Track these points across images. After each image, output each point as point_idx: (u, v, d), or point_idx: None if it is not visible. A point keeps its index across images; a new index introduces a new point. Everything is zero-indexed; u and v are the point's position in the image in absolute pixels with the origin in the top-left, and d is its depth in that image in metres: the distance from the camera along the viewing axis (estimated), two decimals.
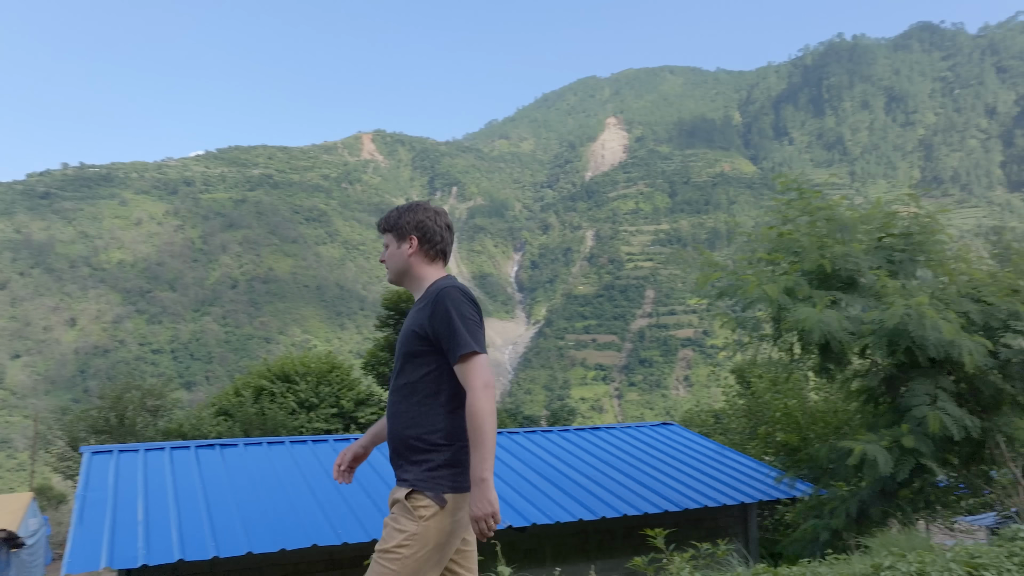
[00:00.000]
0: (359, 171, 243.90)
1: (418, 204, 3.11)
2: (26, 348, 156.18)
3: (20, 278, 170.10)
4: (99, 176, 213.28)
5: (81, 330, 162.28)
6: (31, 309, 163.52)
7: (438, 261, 3.02)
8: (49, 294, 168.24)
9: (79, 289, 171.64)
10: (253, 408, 23.73)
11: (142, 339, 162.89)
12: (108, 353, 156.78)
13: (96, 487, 7.11)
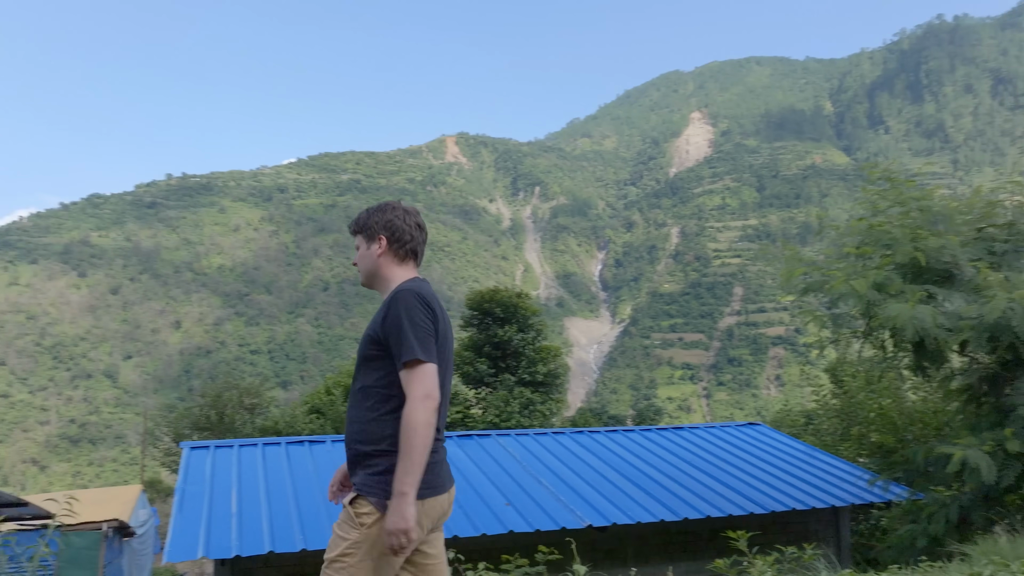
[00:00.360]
0: (443, 174, 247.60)
1: (387, 204, 3.04)
2: (136, 349, 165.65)
3: (130, 283, 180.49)
4: (200, 185, 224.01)
5: (185, 332, 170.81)
6: (140, 313, 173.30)
7: (408, 261, 2.94)
8: (156, 298, 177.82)
9: (183, 293, 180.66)
10: (343, 406, 24.44)
11: (241, 340, 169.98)
12: (210, 354, 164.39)
13: (194, 480, 7.50)
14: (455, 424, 25.43)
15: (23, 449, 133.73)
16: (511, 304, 27.00)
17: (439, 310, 2.74)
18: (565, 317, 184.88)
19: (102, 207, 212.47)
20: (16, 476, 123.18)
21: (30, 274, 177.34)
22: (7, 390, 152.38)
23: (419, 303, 2.68)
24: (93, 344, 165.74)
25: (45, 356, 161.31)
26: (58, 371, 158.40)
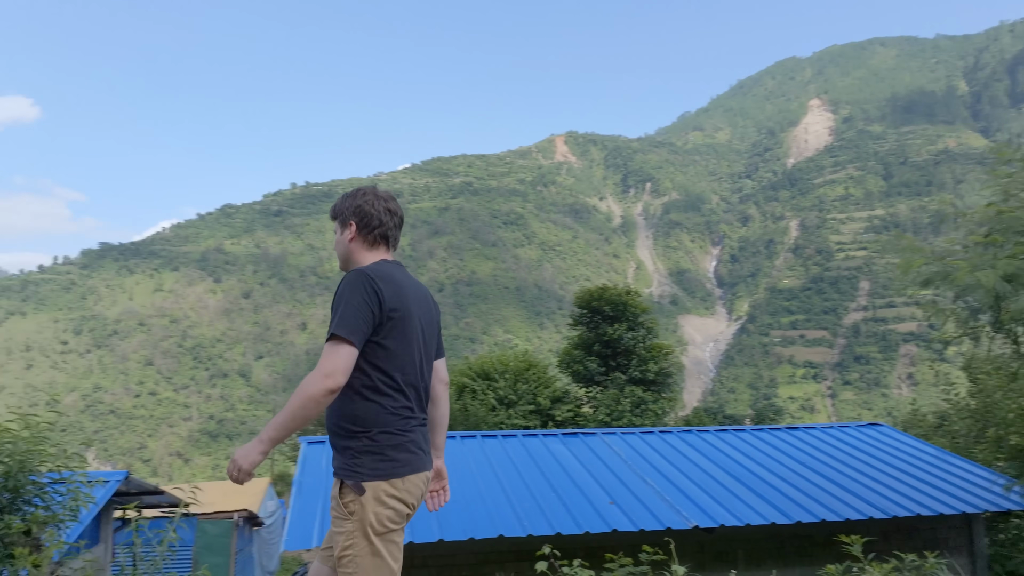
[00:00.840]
0: (553, 173, 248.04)
1: (360, 189, 3.04)
2: (267, 350, 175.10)
3: (260, 288, 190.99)
4: (321, 193, 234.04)
5: (311, 333, 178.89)
6: (270, 315, 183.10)
7: (379, 246, 2.95)
8: (284, 301, 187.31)
9: (308, 296, 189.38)
10: (456, 404, 24.93)
11: None
12: None
13: (310, 473, 7.88)
14: (565, 422, 25.48)
15: (169, 443, 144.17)
16: (620, 302, 26.75)
17: (392, 291, 2.72)
18: (679, 315, 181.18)
19: (234, 216, 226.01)
20: (164, 467, 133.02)
21: (172, 280, 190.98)
22: (155, 388, 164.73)
23: (363, 283, 2.69)
24: (228, 345, 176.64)
25: (187, 357, 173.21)
26: (198, 371, 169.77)
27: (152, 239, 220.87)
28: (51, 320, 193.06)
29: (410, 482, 2.67)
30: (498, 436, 9.35)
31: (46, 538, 3.98)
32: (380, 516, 2.58)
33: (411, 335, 2.76)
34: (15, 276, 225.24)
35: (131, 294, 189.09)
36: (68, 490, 4.24)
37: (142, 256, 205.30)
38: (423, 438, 2.79)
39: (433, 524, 6.72)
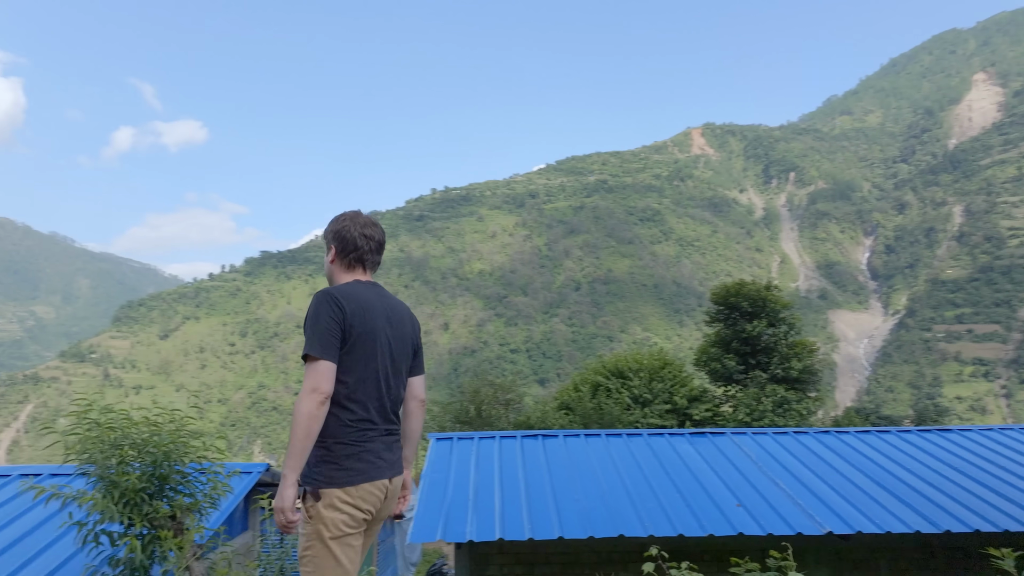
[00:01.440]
0: (690, 167, 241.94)
1: (344, 214, 3.22)
2: None
3: (405, 290, 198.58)
4: (460, 197, 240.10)
5: (453, 333, 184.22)
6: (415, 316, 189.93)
7: (355, 268, 3.15)
8: (427, 303, 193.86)
9: (449, 297, 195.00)
10: (591, 403, 24.89)
11: (502, 340, 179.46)
12: (475, 353, 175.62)
13: (437, 469, 8.14)
14: (703, 422, 24.81)
15: None
16: (759, 297, 25.74)
17: (353, 309, 2.90)
18: (829, 310, 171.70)
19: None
20: None
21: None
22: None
23: (328, 302, 2.90)
24: None
25: None
26: None
27: (306, 246, 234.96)
28: (220, 323, 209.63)
29: (364, 490, 2.84)
30: (623, 435, 9.26)
31: (188, 523, 4.37)
32: (335, 521, 2.78)
33: (372, 350, 2.94)
34: (189, 284, 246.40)
35: (289, 298, 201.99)
36: (208, 480, 4.63)
37: (298, 262, 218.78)
38: (385, 447, 2.96)
39: (553, 521, 6.77)
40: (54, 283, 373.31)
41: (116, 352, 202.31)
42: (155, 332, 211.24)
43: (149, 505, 4.28)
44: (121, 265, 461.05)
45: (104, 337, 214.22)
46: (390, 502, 3.03)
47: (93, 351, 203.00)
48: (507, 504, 7.15)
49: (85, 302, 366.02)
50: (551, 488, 7.51)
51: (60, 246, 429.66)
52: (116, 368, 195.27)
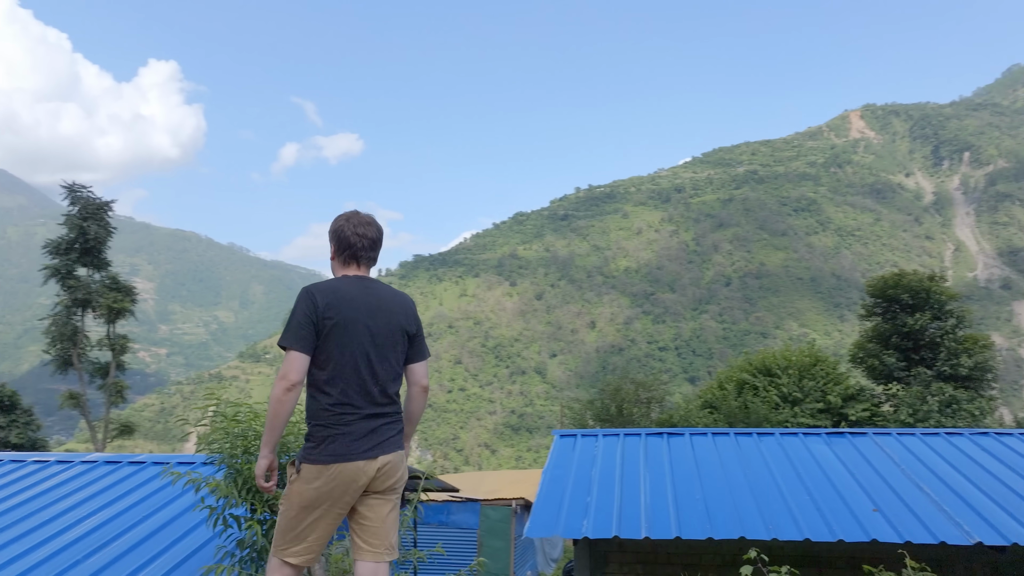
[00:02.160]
0: (848, 152, 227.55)
1: (342, 214, 3.46)
2: (560, 348, 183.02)
3: (551, 289, 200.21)
4: (604, 195, 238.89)
5: (599, 331, 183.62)
6: (561, 315, 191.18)
7: (351, 265, 3.40)
8: (573, 301, 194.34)
9: (596, 295, 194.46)
10: (736, 401, 24.05)
11: (649, 337, 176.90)
12: (622, 351, 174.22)
13: (559, 465, 8.18)
14: (860, 422, 23.32)
15: (478, 435, 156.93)
16: (921, 288, 23.84)
17: (329, 301, 3.17)
18: (1014, 301, 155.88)
19: (525, 223, 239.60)
20: (474, 457, 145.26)
21: (474, 286, 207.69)
22: (464, 384, 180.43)
23: (304, 296, 3.21)
24: (525, 344, 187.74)
25: (489, 356, 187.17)
26: (499, 368, 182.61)
27: (456, 249, 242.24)
28: None
29: (335, 470, 3.12)
30: (753, 434, 8.90)
31: None
32: (304, 492, 3.15)
33: (349, 339, 3.18)
34: None
35: (441, 299, 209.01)
36: None
37: (448, 265, 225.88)
38: (370, 429, 3.19)
39: (672, 521, 6.64)
40: (233, 290, 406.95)
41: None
42: None
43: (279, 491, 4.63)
44: (290, 272, 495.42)
45: (275, 339, 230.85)
46: (385, 477, 3.24)
47: (266, 352, 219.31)
48: (626, 502, 7.08)
49: (259, 307, 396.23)
50: (672, 487, 7.36)
51: (237, 256, 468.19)
52: None
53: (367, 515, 3.30)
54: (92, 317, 29.65)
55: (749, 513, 6.74)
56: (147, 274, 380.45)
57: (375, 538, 3.29)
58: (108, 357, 30.35)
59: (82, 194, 29.59)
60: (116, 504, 6.33)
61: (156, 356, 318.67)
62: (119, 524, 5.91)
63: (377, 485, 3.25)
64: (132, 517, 5.98)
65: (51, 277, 28.69)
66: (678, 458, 8.14)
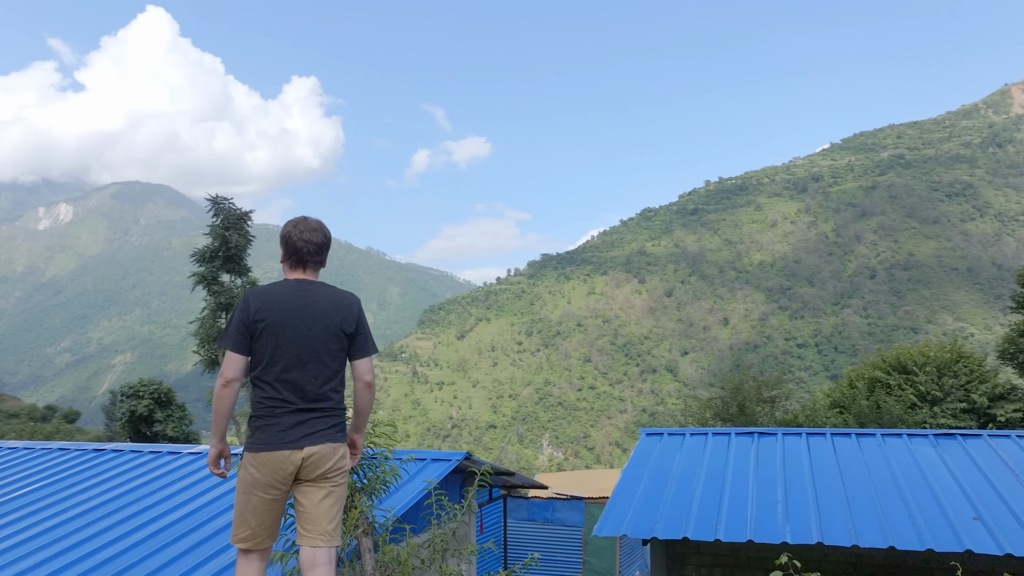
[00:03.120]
0: (1010, 130, 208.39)
1: (290, 221, 3.63)
2: (691, 346, 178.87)
3: (681, 285, 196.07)
4: (735, 187, 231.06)
5: (733, 328, 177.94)
6: (692, 312, 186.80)
7: (297, 269, 3.59)
8: (705, 298, 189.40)
9: (728, 291, 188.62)
10: (867, 401, 22.69)
11: (787, 334, 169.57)
12: (757, 348, 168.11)
13: (638, 464, 8.02)
14: (1010, 423, 21.37)
15: (608, 433, 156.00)
16: None
17: (261, 304, 3.41)
18: None
19: (653, 219, 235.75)
20: (605, 455, 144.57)
21: (602, 284, 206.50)
22: (593, 383, 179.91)
23: (242, 301, 3.46)
24: (655, 342, 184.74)
25: (619, 354, 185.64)
26: (629, 366, 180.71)
27: (583, 247, 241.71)
28: (508, 324, 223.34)
29: (264, 457, 3.37)
30: (852, 435, 8.38)
31: (356, 501, 4.87)
32: (243, 477, 3.43)
33: (281, 340, 3.40)
34: (480, 288, 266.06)
35: (569, 298, 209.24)
36: (378, 464, 5.11)
37: (576, 263, 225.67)
38: (299, 422, 3.40)
39: (748, 523, 6.38)
40: (371, 292, 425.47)
41: (421, 352, 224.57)
42: (453, 333, 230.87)
43: None
44: (423, 273, 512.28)
45: (411, 339, 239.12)
46: (312, 467, 3.44)
47: (403, 351, 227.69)
48: (703, 503, 6.87)
49: (396, 307, 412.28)
50: (755, 489, 7.06)
51: (374, 259, 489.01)
52: (422, 366, 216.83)
53: (302, 502, 3.51)
54: None
55: (832, 518, 6.37)
56: None
57: (310, 523, 3.47)
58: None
59: (224, 206, 31.94)
60: (213, 491, 6.80)
61: None
62: (212, 510, 6.36)
63: (306, 474, 3.45)
64: (224, 503, 6.42)
65: (198, 283, 31.06)
66: (764, 458, 7.79)
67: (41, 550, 5.71)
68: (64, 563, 5.43)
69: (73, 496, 6.98)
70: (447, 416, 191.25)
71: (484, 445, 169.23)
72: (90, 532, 6.01)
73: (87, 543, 5.79)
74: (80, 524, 6.20)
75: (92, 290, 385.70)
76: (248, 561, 3.49)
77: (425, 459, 6.94)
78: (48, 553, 5.64)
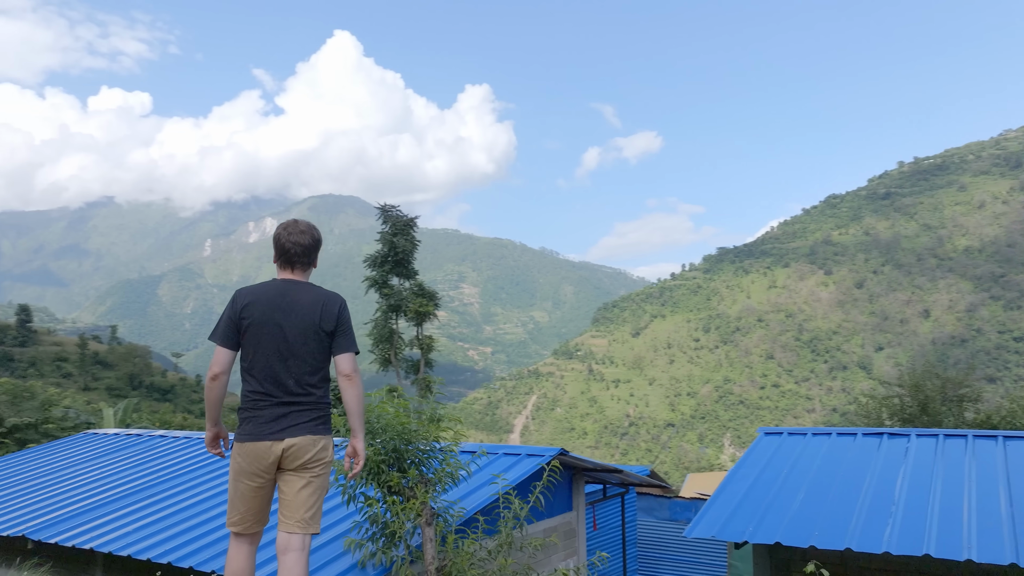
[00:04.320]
0: None
1: (282, 223, 3.89)
2: (887, 340, 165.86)
3: (873, 276, 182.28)
4: (933, 166, 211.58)
5: (935, 321, 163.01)
6: (887, 304, 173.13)
7: (286, 269, 3.83)
8: (901, 288, 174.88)
9: (928, 281, 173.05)
10: None
11: (1000, 326, 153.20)
12: (965, 343, 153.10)
13: (748, 464, 7.59)
14: None
15: None
16: None
17: (246, 302, 3.66)
18: None
19: (839, 206, 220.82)
20: None
21: (784, 276, 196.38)
22: (777, 380, 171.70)
23: (231, 299, 3.73)
24: (845, 337, 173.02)
25: (804, 350, 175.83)
26: (816, 363, 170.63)
27: (762, 239, 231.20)
28: (684, 320, 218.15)
29: (247, 447, 3.61)
30: (998, 437, 7.45)
31: (418, 492, 5.08)
32: (232, 465, 3.70)
33: (264, 337, 3.63)
34: (654, 284, 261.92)
35: (748, 292, 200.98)
36: (443, 459, 5.31)
37: (755, 256, 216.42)
38: (280, 415, 3.62)
39: (854, 530, 5.89)
40: (546, 291, 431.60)
41: (596, 349, 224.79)
42: (628, 330, 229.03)
43: (387, 474, 5.10)
44: (596, 272, 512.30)
45: (586, 337, 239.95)
46: (292, 457, 3.64)
47: (578, 349, 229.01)
48: (809, 507, 6.42)
49: (570, 306, 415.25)
50: (870, 493, 6.50)
51: (548, 259, 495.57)
52: (597, 364, 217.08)
53: (283, 489, 3.71)
54: (404, 320, 33.76)
55: (951, 528, 5.73)
56: (472, 280, 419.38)
57: (287, 510, 3.66)
58: (419, 356, 34.28)
59: (392, 213, 33.92)
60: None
61: (483, 355, 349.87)
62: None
63: (288, 464, 3.66)
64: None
65: (371, 287, 33.21)
66: (890, 462, 7.13)
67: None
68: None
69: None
70: (624, 414, 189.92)
71: (662, 443, 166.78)
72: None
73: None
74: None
75: None
76: (238, 544, 3.74)
77: (498, 453, 7.03)
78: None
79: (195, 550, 5.81)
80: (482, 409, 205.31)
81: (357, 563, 5.21)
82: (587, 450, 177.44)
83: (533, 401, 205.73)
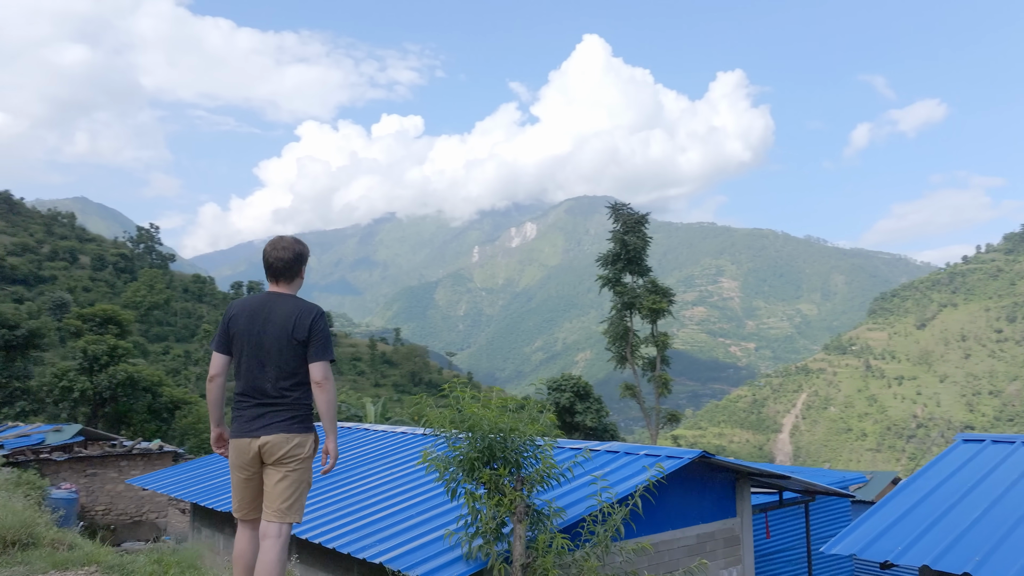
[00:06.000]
0: None
1: (273, 238, 4.22)
2: None
3: None
4: None
5: None
6: None
7: (272, 282, 4.20)
8: None
9: None
10: None
11: None
12: None
13: (931, 475, 6.61)
14: None
15: None
16: None
17: (233, 314, 4.10)
18: None
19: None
20: None
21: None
22: None
23: (226, 311, 4.16)
24: None
25: None
26: None
27: None
28: (981, 309, 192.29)
29: (233, 443, 4.06)
30: None
31: (506, 489, 5.23)
32: (229, 460, 4.15)
33: (245, 345, 4.04)
34: (942, 270, 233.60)
35: None
36: (540, 457, 5.40)
37: None
38: (256, 415, 4.00)
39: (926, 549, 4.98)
40: (813, 282, 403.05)
41: (874, 343, 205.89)
42: (911, 322, 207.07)
43: (480, 471, 5.31)
44: (871, 258, 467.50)
45: (862, 330, 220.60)
46: (268, 453, 4.00)
47: (853, 343, 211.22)
48: (985, 527, 5.52)
49: (842, 297, 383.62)
50: None
51: (815, 247, 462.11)
52: (876, 359, 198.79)
53: (265, 482, 4.07)
54: (639, 318, 33.61)
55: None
56: (731, 274, 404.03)
57: (267, 500, 4.01)
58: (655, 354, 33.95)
59: (623, 211, 34.01)
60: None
61: (746, 351, 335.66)
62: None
63: (266, 459, 4.03)
64: None
65: (604, 285, 33.51)
66: None
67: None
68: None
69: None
70: (910, 414, 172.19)
71: None
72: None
73: None
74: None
75: (555, 296, 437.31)
76: (242, 529, 4.17)
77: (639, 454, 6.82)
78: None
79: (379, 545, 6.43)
80: (746, 407, 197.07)
81: (463, 556, 5.47)
82: (867, 453, 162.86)
83: (803, 399, 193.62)
